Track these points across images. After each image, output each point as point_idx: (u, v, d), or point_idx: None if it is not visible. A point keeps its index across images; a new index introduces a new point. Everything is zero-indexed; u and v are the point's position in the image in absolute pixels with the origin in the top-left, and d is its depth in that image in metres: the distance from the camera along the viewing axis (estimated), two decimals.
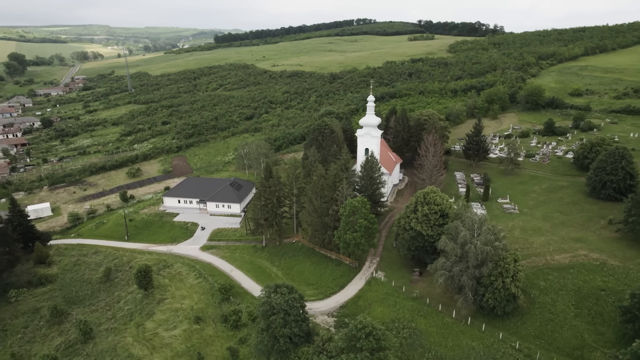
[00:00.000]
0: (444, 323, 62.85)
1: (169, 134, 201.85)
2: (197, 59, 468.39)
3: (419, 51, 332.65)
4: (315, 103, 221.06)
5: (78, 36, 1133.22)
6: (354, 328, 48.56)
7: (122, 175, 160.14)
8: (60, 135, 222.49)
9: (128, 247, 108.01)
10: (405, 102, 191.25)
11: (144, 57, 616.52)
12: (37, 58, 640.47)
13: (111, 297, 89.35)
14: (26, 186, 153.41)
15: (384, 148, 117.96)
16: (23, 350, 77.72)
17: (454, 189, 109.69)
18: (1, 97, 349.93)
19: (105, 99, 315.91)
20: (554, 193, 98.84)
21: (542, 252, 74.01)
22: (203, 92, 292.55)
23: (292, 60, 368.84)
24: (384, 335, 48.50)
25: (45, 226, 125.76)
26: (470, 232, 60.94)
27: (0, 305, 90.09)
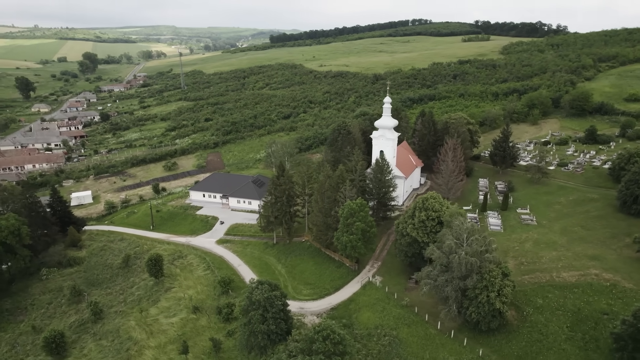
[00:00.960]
0: (426, 334, 60.68)
1: (209, 131, 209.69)
2: (250, 58, 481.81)
3: (470, 52, 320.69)
4: (354, 104, 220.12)
5: (147, 36, 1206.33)
6: (312, 330, 48.28)
7: (160, 169, 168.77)
8: (113, 129, 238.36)
9: (151, 236, 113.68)
10: (443, 105, 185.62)
11: (202, 56, 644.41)
12: (109, 57, 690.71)
13: (126, 282, 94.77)
14: (75, 175, 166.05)
15: (405, 151, 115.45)
16: (43, 324, 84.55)
17: (474, 196, 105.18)
18: (72, 93, 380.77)
19: (159, 96, 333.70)
20: (580, 205, 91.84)
21: (549, 268, 69.18)
22: (250, 91, 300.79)
23: (340, 61, 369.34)
24: (343, 340, 47.76)
25: (84, 212, 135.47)
26: (458, 241, 58.36)
27: (32, 281, 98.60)
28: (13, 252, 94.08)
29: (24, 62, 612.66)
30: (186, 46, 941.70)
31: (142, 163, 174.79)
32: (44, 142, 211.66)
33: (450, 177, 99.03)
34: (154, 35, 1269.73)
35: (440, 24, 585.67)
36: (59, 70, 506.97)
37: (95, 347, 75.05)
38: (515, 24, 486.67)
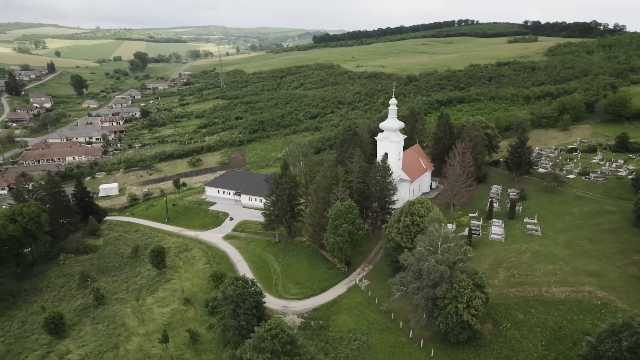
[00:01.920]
0: (397, 341, 59.27)
1: (237, 129, 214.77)
2: (291, 58, 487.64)
3: (512, 54, 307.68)
4: (382, 105, 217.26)
5: (197, 36, 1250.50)
6: (263, 328, 48.55)
7: (185, 164, 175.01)
8: (151, 125, 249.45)
9: (164, 229, 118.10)
10: (471, 108, 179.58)
11: (246, 56, 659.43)
12: (159, 56, 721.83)
13: (132, 272, 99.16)
14: (107, 167, 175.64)
15: (415, 154, 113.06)
16: (52, 306, 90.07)
17: (482, 203, 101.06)
18: (120, 90, 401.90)
19: (199, 94, 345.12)
20: (593, 218, 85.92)
21: (540, 282, 65.41)
22: (284, 90, 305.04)
23: (378, 62, 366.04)
24: (294, 342, 47.64)
25: (109, 203, 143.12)
26: (432, 248, 56.54)
27: (51, 265, 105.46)
28: (34, 237, 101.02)
29: (83, 61, 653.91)
30: (233, 46, 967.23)
31: (170, 158, 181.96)
32: (86, 136, 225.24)
33: (456, 182, 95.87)
34: (204, 35, 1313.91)
35: (487, 25, 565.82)
36: (113, 69, 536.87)
37: (91, 330, 79.20)
38: (568, 24, 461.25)
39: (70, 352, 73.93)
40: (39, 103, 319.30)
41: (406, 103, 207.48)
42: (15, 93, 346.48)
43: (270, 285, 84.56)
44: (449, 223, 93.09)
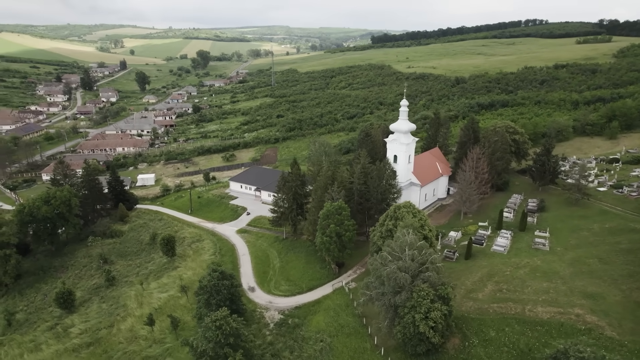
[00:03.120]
0: (360, 347, 58.00)
1: (276, 127, 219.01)
2: (346, 58, 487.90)
3: (576, 56, 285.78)
4: (423, 107, 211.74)
5: (261, 36, 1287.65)
6: (209, 318, 49.72)
7: (219, 159, 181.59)
8: (198, 120, 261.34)
9: (185, 219, 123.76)
10: (514, 112, 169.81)
11: (304, 55, 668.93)
12: (222, 55, 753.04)
13: (146, 257, 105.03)
14: (149, 159, 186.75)
15: (432, 157, 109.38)
16: (72, 283, 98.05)
17: (496, 212, 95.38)
18: (179, 86, 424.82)
19: (250, 92, 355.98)
20: (613, 235, 78.24)
21: (527, 299, 60.92)
22: (331, 90, 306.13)
23: (431, 62, 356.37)
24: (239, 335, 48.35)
25: (144, 192, 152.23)
26: (397, 254, 54.76)
27: (80, 246, 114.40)
28: (66, 219, 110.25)
29: (153, 59, 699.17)
30: (294, 46, 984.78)
31: (207, 153, 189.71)
32: (138, 128, 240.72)
33: (467, 188, 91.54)
34: (268, 35, 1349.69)
35: (556, 25, 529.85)
36: (177, 66, 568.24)
37: (96, 308, 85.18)
38: None
39: (74, 326, 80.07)
40: (106, 97, 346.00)
41: (447, 105, 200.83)
42: (88, 88, 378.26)
43: (265, 280, 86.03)
44: (454, 231, 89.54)
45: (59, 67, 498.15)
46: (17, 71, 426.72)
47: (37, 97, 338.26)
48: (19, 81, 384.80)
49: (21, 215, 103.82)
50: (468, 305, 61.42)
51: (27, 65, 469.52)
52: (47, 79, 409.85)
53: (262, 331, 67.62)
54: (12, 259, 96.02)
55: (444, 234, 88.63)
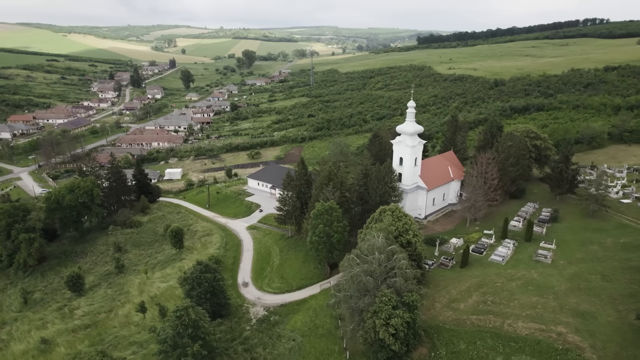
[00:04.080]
0: (328, 349, 57.45)
1: (305, 126, 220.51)
2: (388, 59, 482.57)
3: (632, 57, 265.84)
4: (455, 109, 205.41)
5: (309, 36, 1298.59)
6: (175, 307, 51.18)
7: (245, 156, 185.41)
8: (234, 118, 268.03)
9: (202, 213, 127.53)
10: (548, 117, 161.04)
11: (348, 56, 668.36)
12: (268, 54, 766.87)
13: (158, 248, 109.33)
14: (180, 154, 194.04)
15: (445, 161, 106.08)
16: (87, 268, 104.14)
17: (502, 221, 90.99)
18: (222, 85, 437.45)
19: (289, 91, 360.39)
20: (626, 252, 72.45)
21: (510, 313, 57.74)
22: (367, 91, 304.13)
23: (474, 64, 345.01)
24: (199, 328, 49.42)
25: (170, 186, 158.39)
26: (366, 257, 53.77)
27: (102, 234, 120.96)
28: (88, 208, 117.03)
29: (202, 58, 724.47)
30: (340, 46, 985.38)
31: (235, 150, 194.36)
32: (176, 125, 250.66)
33: (473, 194, 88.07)
34: (316, 35, 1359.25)
35: (618, 24, 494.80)
36: (223, 66, 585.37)
37: (102, 293, 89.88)
38: None
39: (79, 308, 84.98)
40: (152, 94, 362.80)
41: (478, 108, 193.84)
42: (137, 85, 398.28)
43: (260, 276, 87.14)
44: (456, 238, 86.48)
45: (114, 65, 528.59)
46: (77, 69, 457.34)
47: (91, 94, 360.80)
48: (77, 78, 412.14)
49: (48, 203, 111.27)
50: (446, 315, 59.19)
51: (86, 64, 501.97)
52: (102, 76, 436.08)
53: (241, 325, 68.70)
54: (36, 242, 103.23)
55: (444, 241, 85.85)
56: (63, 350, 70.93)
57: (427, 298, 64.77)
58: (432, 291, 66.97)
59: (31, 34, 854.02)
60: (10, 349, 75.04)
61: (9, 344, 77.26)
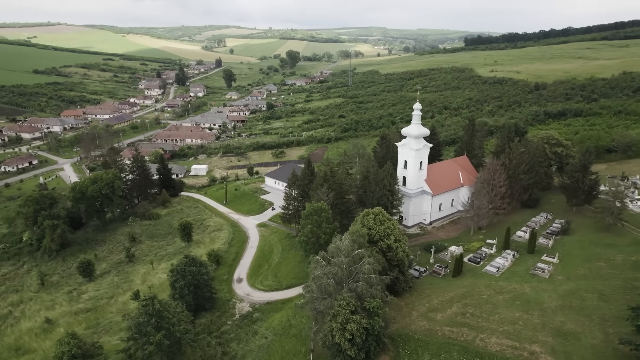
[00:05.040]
0: (294, 350, 57.25)
1: (334, 127, 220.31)
2: (431, 60, 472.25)
3: None
4: (489, 112, 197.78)
5: (357, 37, 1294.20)
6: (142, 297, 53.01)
7: (270, 155, 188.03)
8: (268, 118, 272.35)
9: (218, 209, 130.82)
10: (584, 123, 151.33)
11: (391, 57, 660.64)
12: (313, 55, 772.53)
13: (169, 241, 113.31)
14: (209, 151, 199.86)
15: (456, 166, 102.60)
16: (103, 255, 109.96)
17: (513, 230, 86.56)
18: (264, 84, 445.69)
19: (326, 92, 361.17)
20: (634, 271, 66.78)
21: (486, 327, 54.96)
22: (403, 93, 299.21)
23: (518, 66, 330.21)
24: (163, 318, 50.92)
25: (194, 181, 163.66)
26: (332, 259, 53.17)
27: (122, 225, 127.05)
28: (110, 199, 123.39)
29: (249, 58, 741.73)
30: (386, 47, 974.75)
31: (262, 148, 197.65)
32: (211, 122, 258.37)
33: (476, 201, 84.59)
34: (364, 36, 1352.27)
35: None
36: (267, 65, 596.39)
37: (109, 280, 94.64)
38: None
39: (86, 293, 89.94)
40: (194, 92, 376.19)
41: (512, 112, 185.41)
42: (181, 83, 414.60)
43: (256, 274, 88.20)
44: (455, 246, 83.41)
45: (164, 64, 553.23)
46: (129, 68, 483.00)
47: (138, 91, 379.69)
48: (128, 76, 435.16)
49: (74, 193, 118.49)
50: (419, 324, 57.29)
51: (138, 63, 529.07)
52: (151, 74, 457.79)
53: (222, 319, 70.01)
54: (59, 229, 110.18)
55: (443, 248, 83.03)
56: (62, 330, 75.19)
57: (406, 306, 63.12)
58: (414, 299, 65.12)
59: (94, 35, 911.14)
60: (19, 326, 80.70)
61: (20, 321, 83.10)
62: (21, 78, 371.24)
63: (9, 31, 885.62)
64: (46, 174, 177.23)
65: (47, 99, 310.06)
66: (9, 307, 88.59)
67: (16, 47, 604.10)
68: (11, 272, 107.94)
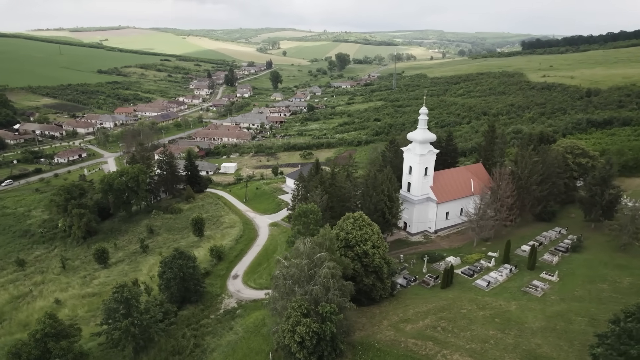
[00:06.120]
0: (259, 348, 57.54)
1: (366, 130, 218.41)
2: (482, 64, 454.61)
3: None
4: (529, 120, 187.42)
5: (411, 40, 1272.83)
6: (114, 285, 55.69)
7: (298, 156, 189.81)
8: (306, 119, 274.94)
9: (237, 206, 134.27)
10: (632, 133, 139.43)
11: (443, 60, 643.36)
12: (365, 58, 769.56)
13: (184, 234, 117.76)
14: (242, 150, 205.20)
15: (468, 173, 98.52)
16: (122, 244, 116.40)
17: (519, 244, 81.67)
18: (309, 86, 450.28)
19: (369, 95, 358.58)
20: None
21: (452, 343, 52.33)
22: (446, 97, 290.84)
23: (576, 72, 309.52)
24: (130, 305, 53.28)
25: (222, 179, 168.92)
26: (294, 261, 53.09)
27: (145, 217, 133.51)
28: (136, 192, 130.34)
29: (300, 60, 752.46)
30: (441, 50, 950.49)
31: (292, 149, 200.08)
32: (250, 122, 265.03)
33: (479, 211, 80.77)
34: (419, 39, 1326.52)
35: None
36: (316, 68, 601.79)
37: (120, 268, 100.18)
38: None
39: (97, 279, 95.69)
40: (241, 93, 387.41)
41: (554, 119, 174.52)
42: (230, 84, 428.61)
43: (254, 271, 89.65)
44: (453, 257, 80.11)
45: (216, 65, 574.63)
46: (183, 68, 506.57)
47: (188, 90, 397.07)
48: (181, 76, 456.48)
49: (102, 184, 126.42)
50: (385, 334, 55.66)
51: (192, 64, 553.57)
52: (203, 75, 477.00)
53: (204, 312, 71.84)
54: (85, 217, 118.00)
55: (439, 258, 79.94)
56: (66, 311, 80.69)
57: (380, 314, 61.60)
58: (391, 307, 63.38)
59: (157, 37, 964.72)
60: (34, 304, 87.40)
61: (36, 299, 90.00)
62: (86, 77, 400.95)
63: (85, 34, 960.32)
64: (90, 167, 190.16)
65: (105, 97, 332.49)
66: (30, 286, 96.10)
67: (88, 49, 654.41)
68: (43, 255, 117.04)
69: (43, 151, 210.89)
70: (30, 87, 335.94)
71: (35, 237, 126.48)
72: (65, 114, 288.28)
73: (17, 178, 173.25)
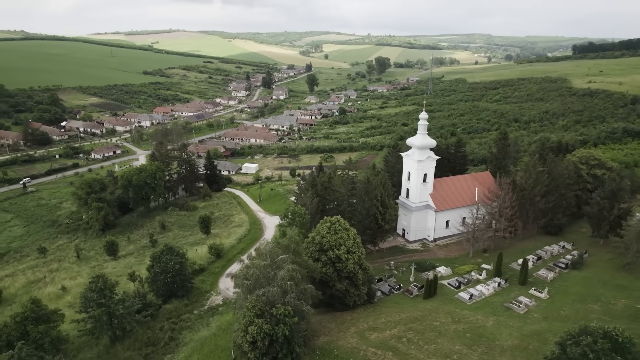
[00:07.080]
0: (226, 346, 58.13)
1: (392, 134, 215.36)
2: (525, 69, 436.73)
3: None
4: (562, 128, 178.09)
5: (457, 44, 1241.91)
6: None
7: (319, 159, 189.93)
8: (335, 122, 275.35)
9: (250, 206, 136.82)
10: None
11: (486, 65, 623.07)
12: (407, 62, 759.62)
13: (194, 231, 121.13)
14: (266, 151, 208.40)
15: (473, 182, 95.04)
16: (135, 238, 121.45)
17: (517, 257, 77.83)
18: (345, 89, 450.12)
19: (403, 99, 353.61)
20: (632, 321, 56.11)
21: (412, 355, 50.68)
22: (481, 103, 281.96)
23: (627, 77, 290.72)
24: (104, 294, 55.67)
25: (241, 179, 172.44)
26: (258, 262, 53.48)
27: (161, 213, 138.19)
28: (153, 189, 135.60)
29: (341, 64, 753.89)
30: (486, 55, 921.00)
31: (315, 152, 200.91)
32: (279, 124, 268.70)
33: (475, 221, 77.84)
34: (465, 43, 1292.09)
35: None
36: (355, 71, 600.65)
37: (128, 260, 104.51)
38: None
39: (105, 269, 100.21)
40: (277, 95, 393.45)
41: (590, 128, 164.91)
42: (267, 86, 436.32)
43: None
44: (444, 267, 77.64)
45: (256, 67, 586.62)
46: (224, 70, 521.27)
47: (226, 92, 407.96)
48: (220, 78, 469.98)
49: (122, 180, 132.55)
50: (348, 341, 54.77)
51: (233, 66, 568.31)
52: (242, 77, 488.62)
53: (188, 307, 73.65)
54: (103, 211, 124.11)
55: (430, 267, 77.70)
56: (69, 299, 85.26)
57: (350, 320, 60.74)
58: (363, 314, 62.30)
59: (204, 40, 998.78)
60: (44, 290, 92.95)
61: (47, 285, 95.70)
62: (132, 78, 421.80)
63: (138, 38, 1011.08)
64: (122, 163, 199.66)
65: (146, 97, 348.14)
66: (45, 273, 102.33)
67: (138, 51, 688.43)
68: (64, 245, 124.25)
69: (83, 147, 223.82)
70: (81, 87, 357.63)
71: (61, 228, 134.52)
72: (108, 112, 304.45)
73: (56, 172, 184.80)
